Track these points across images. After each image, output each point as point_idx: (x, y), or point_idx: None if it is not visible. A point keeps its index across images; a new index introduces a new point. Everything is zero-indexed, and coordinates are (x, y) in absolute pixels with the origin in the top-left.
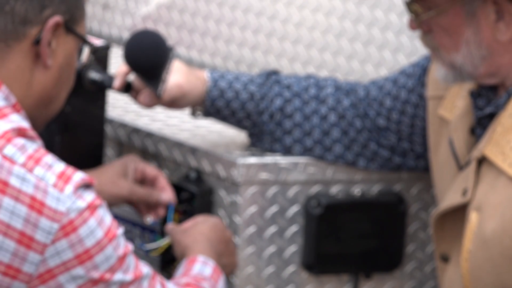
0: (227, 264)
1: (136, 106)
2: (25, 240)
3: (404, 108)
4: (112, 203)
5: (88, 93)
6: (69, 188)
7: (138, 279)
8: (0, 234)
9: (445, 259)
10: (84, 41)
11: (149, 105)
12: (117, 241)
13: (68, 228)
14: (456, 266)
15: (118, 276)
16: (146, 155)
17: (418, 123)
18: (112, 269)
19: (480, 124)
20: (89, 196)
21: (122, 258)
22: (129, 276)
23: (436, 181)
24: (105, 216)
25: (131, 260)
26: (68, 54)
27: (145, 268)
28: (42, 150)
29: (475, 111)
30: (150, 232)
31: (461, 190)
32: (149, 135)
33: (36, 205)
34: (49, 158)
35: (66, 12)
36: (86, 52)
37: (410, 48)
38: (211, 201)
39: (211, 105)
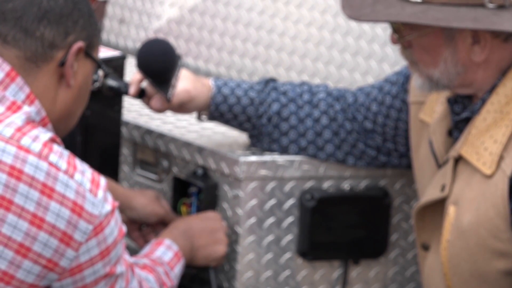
0: (207, 251)
1: (148, 110)
2: (66, 239)
3: (389, 112)
4: (149, 220)
5: (106, 98)
6: (101, 193)
7: (127, 268)
8: (46, 233)
9: (425, 247)
10: (99, 65)
11: (160, 109)
12: (124, 238)
13: (98, 229)
14: (436, 254)
15: (119, 269)
16: (158, 154)
17: (401, 125)
18: (116, 263)
19: (457, 127)
20: (111, 198)
21: (122, 253)
22: (124, 267)
23: (417, 177)
24: (118, 217)
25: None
26: (86, 76)
27: (128, 256)
28: (71, 155)
29: (452, 115)
30: None
31: (439, 186)
32: (160, 136)
33: (77, 209)
34: (78, 162)
35: (86, 39)
36: (100, 75)
37: (394, 58)
38: (216, 195)
39: (215, 110)
